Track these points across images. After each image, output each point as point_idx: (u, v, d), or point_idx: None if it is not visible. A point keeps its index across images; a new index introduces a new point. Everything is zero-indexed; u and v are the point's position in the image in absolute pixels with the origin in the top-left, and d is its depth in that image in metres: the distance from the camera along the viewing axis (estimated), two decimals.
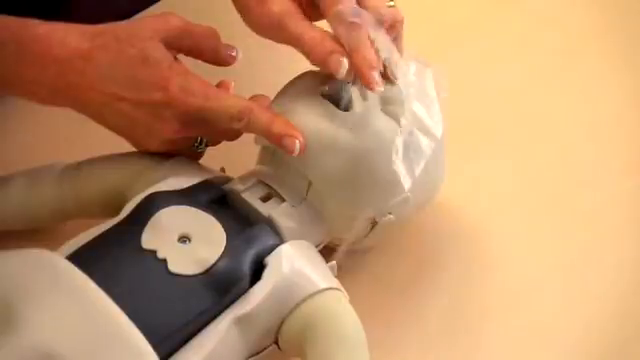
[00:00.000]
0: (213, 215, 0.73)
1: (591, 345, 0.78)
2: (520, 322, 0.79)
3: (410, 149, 0.75)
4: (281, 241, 0.73)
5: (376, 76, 0.74)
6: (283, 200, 0.76)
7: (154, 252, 0.71)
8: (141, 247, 0.71)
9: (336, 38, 0.75)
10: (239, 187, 0.76)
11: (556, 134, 0.90)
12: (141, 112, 0.75)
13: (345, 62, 0.74)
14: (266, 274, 0.71)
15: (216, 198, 0.76)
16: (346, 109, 0.75)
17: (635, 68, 0.95)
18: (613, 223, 0.85)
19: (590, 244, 0.83)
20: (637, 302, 0.81)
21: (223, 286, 0.70)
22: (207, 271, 0.70)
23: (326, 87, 0.76)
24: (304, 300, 0.71)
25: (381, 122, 0.75)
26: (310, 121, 0.75)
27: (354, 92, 0.75)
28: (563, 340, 0.78)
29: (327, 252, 0.76)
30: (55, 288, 0.68)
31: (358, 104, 0.75)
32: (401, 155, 0.74)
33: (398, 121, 0.75)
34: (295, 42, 0.76)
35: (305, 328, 0.71)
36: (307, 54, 0.76)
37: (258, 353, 0.72)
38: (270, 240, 0.72)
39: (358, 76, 0.74)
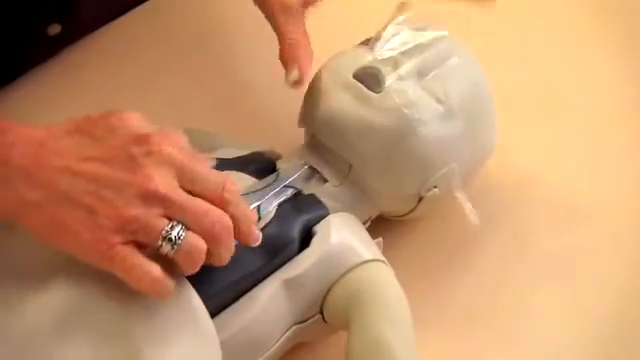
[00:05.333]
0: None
1: (591, 343, 0.78)
2: (523, 320, 0.79)
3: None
4: (328, 213, 0.73)
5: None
6: (326, 181, 0.75)
7: None
8: None
9: (309, 50, 0.77)
10: (283, 166, 0.76)
11: (556, 134, 0.90)
12: (113, 169, 0.63)
13: (294, 75, 0.76)
14: (315, 241, 0.71)
15: (265, 169, 0.75)
16: (379, 90, 0.75)
17: (635, 68, 0.95)
18: (614, 222, 0.85)
19: (591, 243, 0.83)
20: (637, 302, 0.81)
21: (272, 248, 0.70)
22: None
23: (359, 68, 0.76)
24: (350, 270, 0.71)
25: (415, 100, 0.74)
26: (344, 105, 0.75)
27: (388, 72, 0.75)
28: (564, 338, 0.78)
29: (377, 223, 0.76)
30: None
31: (391, 84, 0.75)
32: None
33: (434, 96, 0.75)
34: (278, 36, 0.78)
35: (350, 298, 0.70)
36: (280, 51, 0.77)
37: (303, 322, 0.71)
38: (319, 210, 0.73)
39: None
